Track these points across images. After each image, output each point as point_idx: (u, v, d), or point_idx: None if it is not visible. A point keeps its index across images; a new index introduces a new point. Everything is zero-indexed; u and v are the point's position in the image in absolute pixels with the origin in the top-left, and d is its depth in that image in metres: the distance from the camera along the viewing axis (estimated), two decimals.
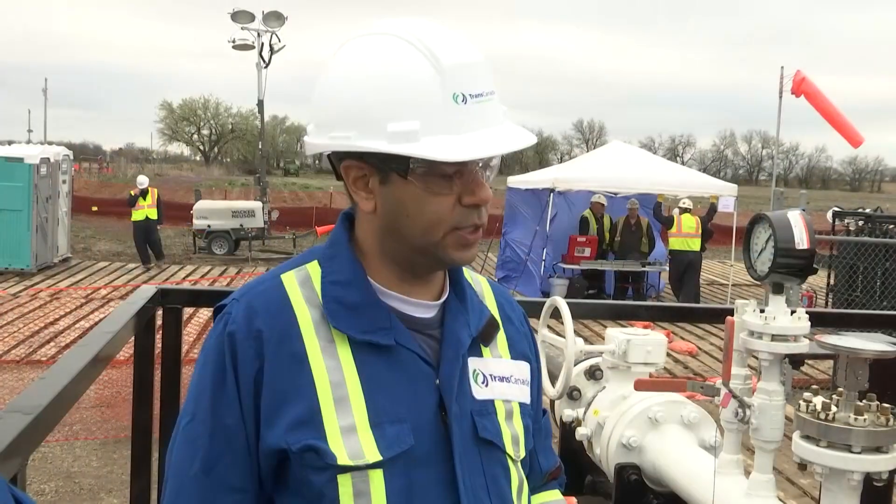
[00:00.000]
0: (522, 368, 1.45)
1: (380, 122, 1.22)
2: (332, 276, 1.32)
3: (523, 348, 1.47)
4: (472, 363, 1.36)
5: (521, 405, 1.41)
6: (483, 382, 1.36)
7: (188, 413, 1.31)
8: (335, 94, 1.28)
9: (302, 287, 1.32)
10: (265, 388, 1.26)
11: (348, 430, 1.24)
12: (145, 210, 18.30)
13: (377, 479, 1.23)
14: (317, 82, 1.32)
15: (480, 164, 1.27)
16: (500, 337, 1.43)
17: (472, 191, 1.26)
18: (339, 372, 1.26)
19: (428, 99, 1.22)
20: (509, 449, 1.36)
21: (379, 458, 1.23)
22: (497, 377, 1.39)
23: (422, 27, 1.27)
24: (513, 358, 1.43)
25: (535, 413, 1.50)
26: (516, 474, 1.38)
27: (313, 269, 1.35)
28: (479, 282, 1.49)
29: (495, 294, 1.50)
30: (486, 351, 1.39)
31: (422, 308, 1.35)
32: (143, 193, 18.41)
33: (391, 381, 1.28)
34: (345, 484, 1.23)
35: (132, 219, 18.54)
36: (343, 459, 1.22)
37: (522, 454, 1.40)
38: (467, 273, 1.46)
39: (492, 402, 1.36)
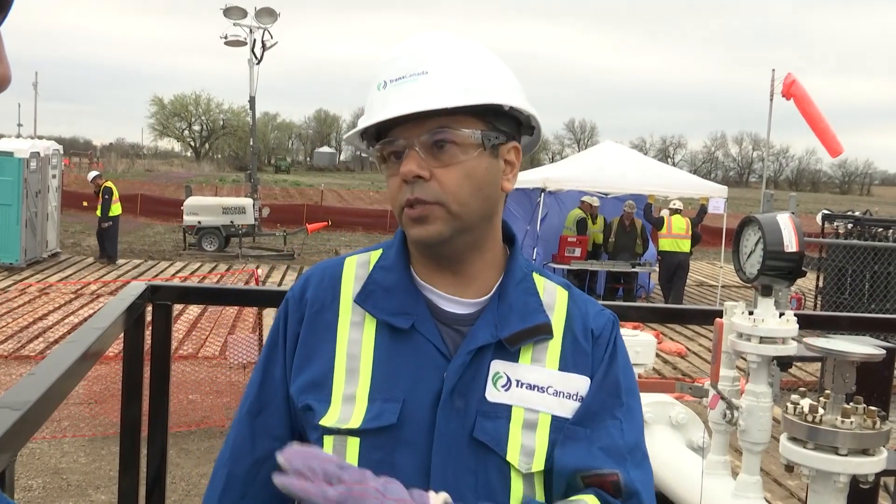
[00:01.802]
0: (572, 382, 1.38)
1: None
2: (382, 262, 1.44)
3: (583, 363, 1.39)
4: (497, 365, 1.34)
5: (554, 418, 1.35)
6: (504, 386, 1.34)
7: (256, 364, 1.49)
8: None
9: (359, 268, 1.45)
10: (298, 348, 1.41)
11: (348, 399, 1.34)
12: (97, 208, 18.12)
13: (353, 446, 1.32)
14: None
15: (415, 142, 1.32)
16: (553, 347, 1.38)
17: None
18: (359, 346, 1.37)
19: (369, 91, 1.38)
20: (513, 458, 1.32)
21: (358, 426, 1.31)
22: (526, 384, 1.35)
23: (418, 34, 1.41)
24: (561, 369, 1.37)
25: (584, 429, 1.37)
26: (521, 487, 1.33)
27: (375, 254, 1.48)
28: (555, 292, 1.45)
29: (570, 307, 1.44)
30: (523, 357, 1.36)
31: (458, 304, 1.39)
32: (96, 191, 18.20)
33: (399, 363, 1.35)
34: (328, 445, 1.34)
35: None
36: (328, 421, 1.33)
37: (537, 468, 1.34)
38: (541, 281, 1.44)
39: (508, 407, 1.33)
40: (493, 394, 1.34)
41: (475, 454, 1.31)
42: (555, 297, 1.44)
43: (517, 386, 1.35)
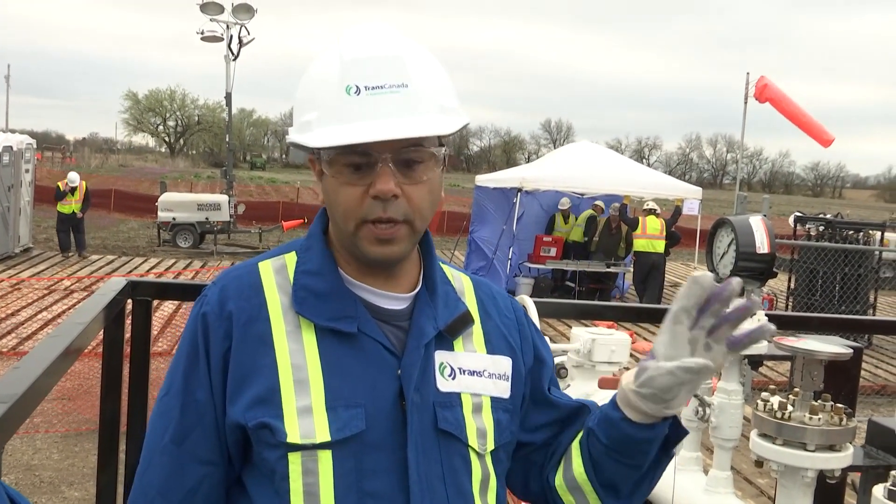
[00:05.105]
0: (500, 363, 1.45)
1: (298, 116, 1.35)
2: (305, 266, 1.39)
3: (503, 344, 1.48)
4: (440, 356, 1.39)
5: (493, 399, 1.42)
6: (450, 375, 1.39)
7: (164, 387, 1.38)
8: None
9: (277, 274, 1.39)
10: (231, 366, 1.33)
11: (304, 411, 1.29)
12: (73, 206, 18.23)
13: (325, 459, 1.28)
14: None
15: (388, 157, 1.28)
16: (476, 332, 1.46)
17: (374, 183, 1.29)
18: (302, 355, 1.32)
19: (325, 91, 1.30)
20: (472, 442, 1.38)
21: (328, 438, 1.28)
22: (466, 371, 1.41)
23: (358, 26, 1.35)
24: (489, 353, 1.45)
25: (516, 406, 1.48)
26: (479, 468, 1.39)
27: (290, 258, 1.42)
28: (461, 278, 1.52)
29: (477, 291, 1.52)
30: (457, 345, 1.42)
31: (391, 300, 1.40)
32: (73, 190, 18.29)
33: (351, 368, 1.32)
34: (294, 462, 1.28)
35: (58, 209, 18.36)
36: (294, 438, 1.28)
37: (490, 447, 1.41)
38: (448, 270, 1.50)
39: (457, 394, 1.38)
40: (444, 384, 1.38)
41: (440, 444, 1.35)
42: (462, 284, 1.52)
43: (460, 373, 1.40)
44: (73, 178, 18.52)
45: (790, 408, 2.12)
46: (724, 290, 1.25)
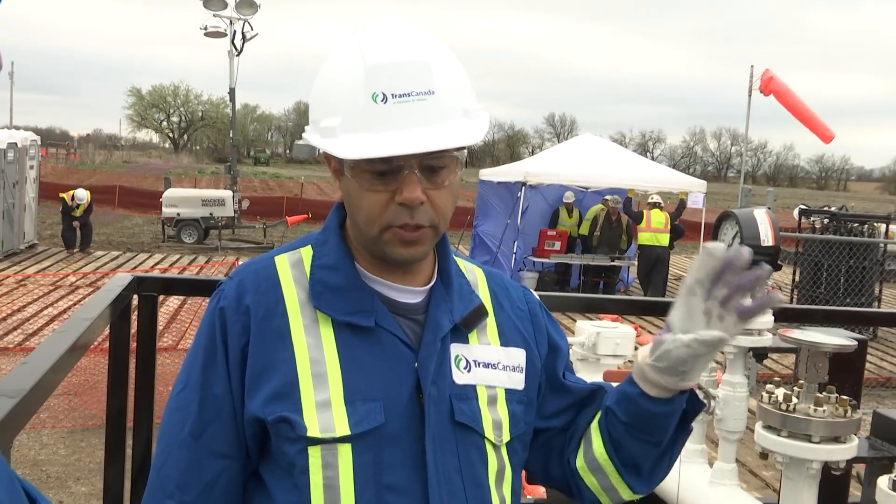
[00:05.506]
0: (514, 355, 1.46)
1: (318, 118, 1.32)
2: (321, 260, 1.39)
3: (517, 336, 1.49)
4: (456, 349, 1.40)
5: (508, 391, 1.43)
6: (465, 368, 1.40)
7: (181, 382, 1.38)
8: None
9: (293, 269, 1.40)
10: (250, 360, 1.33)
11: (323, 405, 1.30)
12: (78, 214, 18.37)
13: (345, 452, 1.29)
14: None
15: (414, 164, 1.27)
16: (490, 325, 1.46)
17: (400, 190, 1.29)
18: (320, 350, 1.33)
19: (351, 97, 1.28)
20: (489, 433, 1.39)
21: (348, 432, 1.29)
22: (481, 363, 1.42)
23: (378, 25, 1.33)
24: (503, 345, 1.46)
25: (530, 397, 1.48)
26: (495, 459, 1.41)
27: (306, 252, 1.42)
28: (474, 271, 1.53)
29: (490, 283, 1.53)
30: (472, 337, 1.43)
31: (407, 293, 1.40)
32: (79, 205, 18.43)
33: (369, 362, 1.33)
34: (314, 455, 1.29)
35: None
36: (314, 432, 1.29)
37: (506, 438, 1.42)
38: (462, 263, 1.51)
39: (473, 387, 1.39)
40: (459, 376, 1.39)
41: (456, 436, 1.36)
42: (476, 277, 1.52)
43: (475, 366, 1.41)
44: (82, 196, 18.55)
45: (795, 400, 2.13)
46: (736, 259, 1.29)
